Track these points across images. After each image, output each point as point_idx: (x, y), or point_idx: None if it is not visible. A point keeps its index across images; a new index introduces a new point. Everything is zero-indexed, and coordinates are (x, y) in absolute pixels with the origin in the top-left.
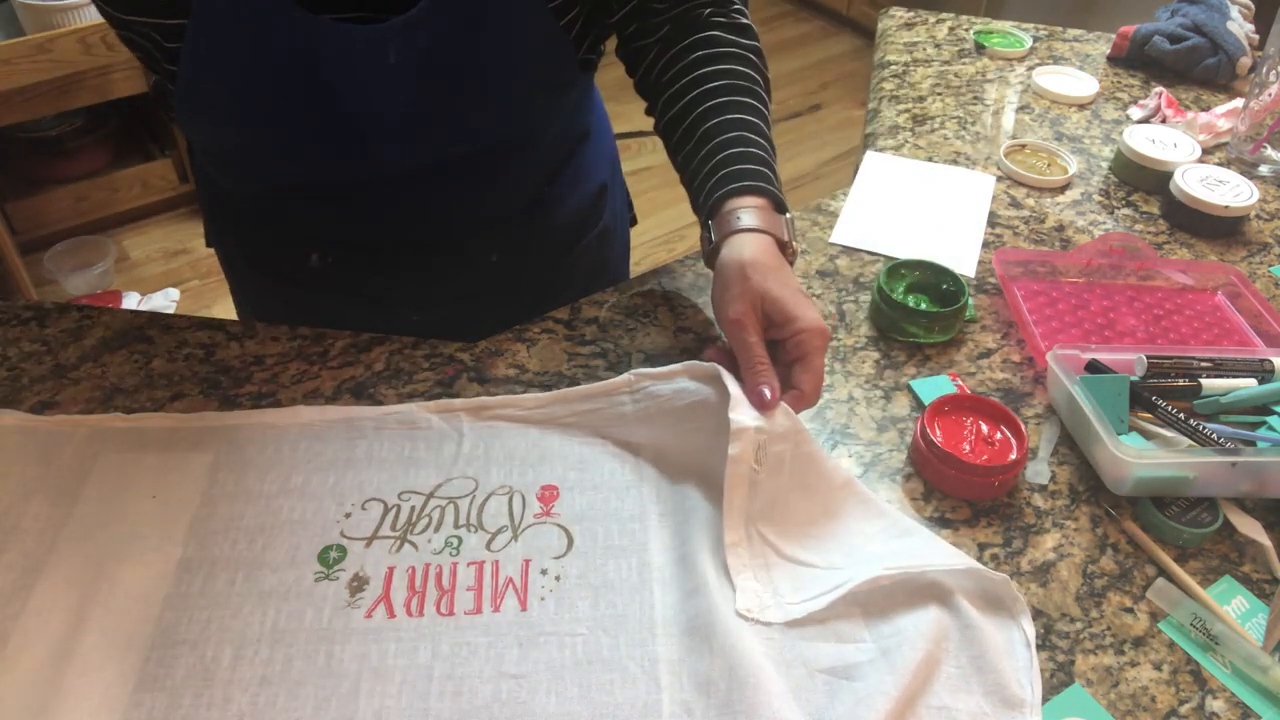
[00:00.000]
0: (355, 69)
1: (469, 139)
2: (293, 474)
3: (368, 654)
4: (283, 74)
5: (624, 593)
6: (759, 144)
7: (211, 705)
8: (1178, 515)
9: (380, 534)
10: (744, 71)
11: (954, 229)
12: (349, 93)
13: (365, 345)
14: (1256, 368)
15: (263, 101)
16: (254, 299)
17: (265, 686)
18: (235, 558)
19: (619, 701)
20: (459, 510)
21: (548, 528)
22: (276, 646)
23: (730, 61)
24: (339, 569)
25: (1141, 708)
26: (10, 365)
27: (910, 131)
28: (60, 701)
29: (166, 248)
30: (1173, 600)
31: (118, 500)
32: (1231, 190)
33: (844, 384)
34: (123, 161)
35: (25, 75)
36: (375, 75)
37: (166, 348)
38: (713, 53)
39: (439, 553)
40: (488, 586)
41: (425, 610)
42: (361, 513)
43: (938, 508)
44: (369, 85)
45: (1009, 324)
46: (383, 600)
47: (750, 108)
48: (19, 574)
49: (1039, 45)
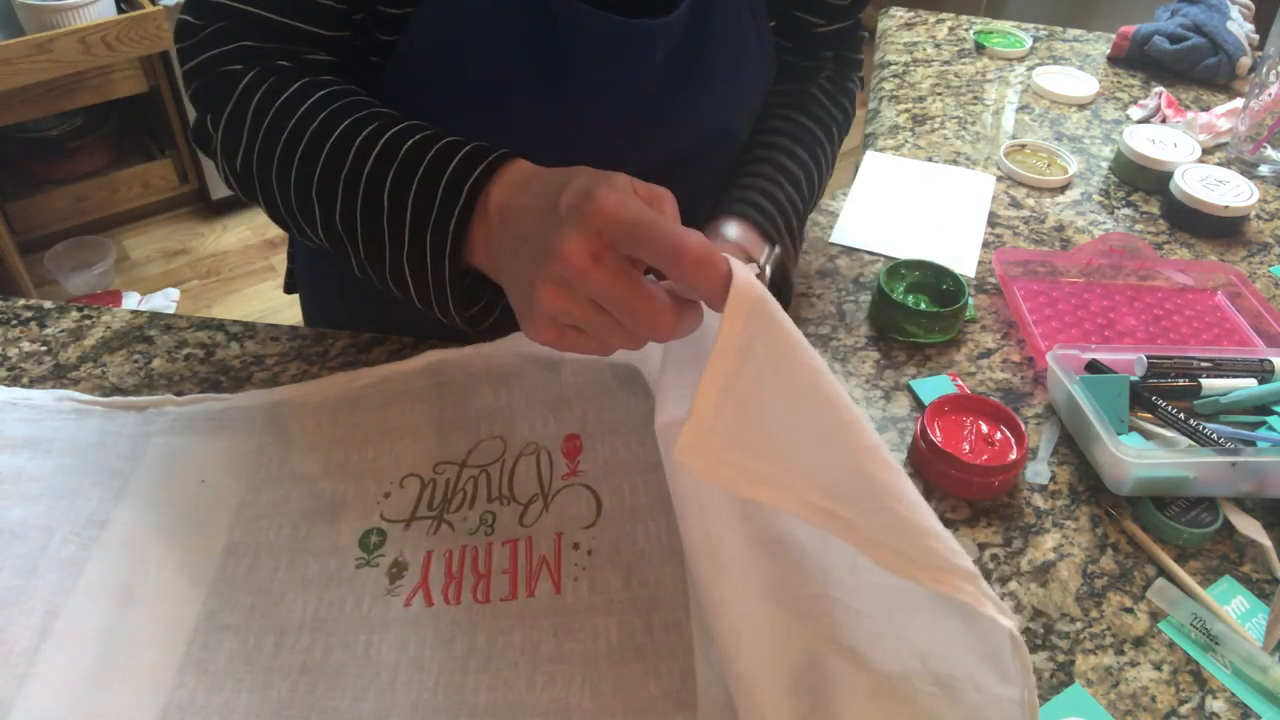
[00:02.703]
0: (616, 61)
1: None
2: (333, 450)
3: (406, 644)
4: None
5: (655, 563)
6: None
7: (253, 690)
8: (1178, 515)
9: (418, 514)
10: (820, 137)
11: (954, 229)
12: (604, 84)
13: (365, 345)
14: (1256, 368)
15: (498, 89)
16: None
17: (305, 675)
18: (279, 544)
19: (654, 695)
20: (490, 480)
21: (576, 490)
22: (317, 635)
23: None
24: (379, 554)
25: (1141, 708)
26: (10, 365)
27: (910, 131)
28: (108, 679)
29: (166, 248)
30: (1173, 600)
31: (167, 485)
32: (1231, 190)
33: (844, 384)
34: (123, 161)
35: (25, 75)
36: (638, 70)
37: (166, 348)
38: (806, 108)
39: (474, 532)
40: (522, 568)
41: (462, 598)
42: (400, 491)
43: (938, 508)
44: (625, 78)
45: (1009, 324)
46: (421, 588)
47: (796, 157)
48: (74, 549)
49: (1039, 45)
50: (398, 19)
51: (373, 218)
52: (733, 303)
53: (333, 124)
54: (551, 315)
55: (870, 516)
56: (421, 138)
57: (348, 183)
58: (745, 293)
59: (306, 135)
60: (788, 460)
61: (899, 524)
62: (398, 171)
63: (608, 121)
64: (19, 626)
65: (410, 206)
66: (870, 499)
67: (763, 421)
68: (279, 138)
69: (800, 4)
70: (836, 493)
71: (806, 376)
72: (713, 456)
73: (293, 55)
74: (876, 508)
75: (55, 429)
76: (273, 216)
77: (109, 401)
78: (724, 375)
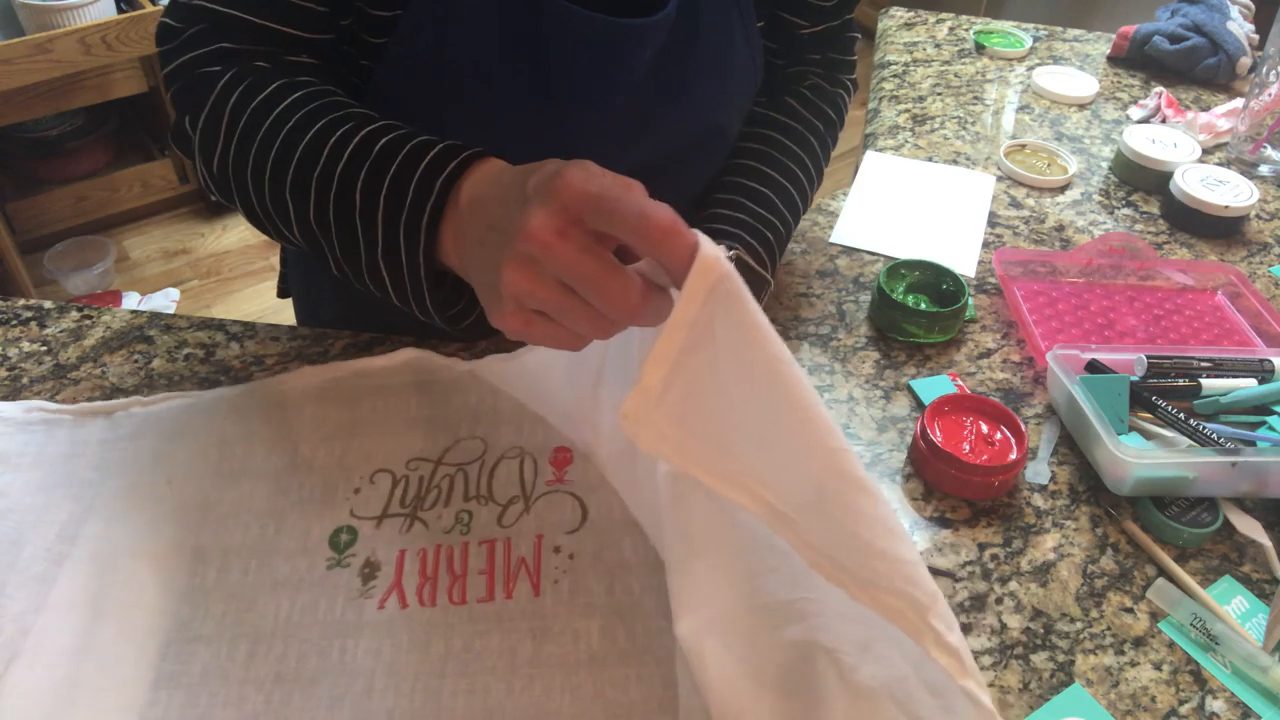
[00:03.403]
0: (605, 61)
1: (677, 135)
2: (300, 445)
3: (381, 649)
4: (519, 62)
5: (640, 573)
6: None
7: (227, 704)
8: (1178, 515)
9: (390, 512)
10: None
11: (954, 229)
12: (592, 84)
13: (365, 345)
14: (1256, 368)
15: (486, 89)
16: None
17: (279, 685)
18: (247, 545)
19: (633, 700)
20: (468, 479)
21: (560, 497)
22: (290, 642)
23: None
24: (350, 554)
25: (1141, 708)
26: (10, 365)
27: (910, 131)
28: (78, 696)
29: (166, 248)
30: (1173, 600)
31: (134, 492)
32: (1231, 190)
33: (844, 384)
34: (123, 161)
35: (25, 75)
36: (626, 70)
37: (166, 348)
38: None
39: (449, 531)
40: (500, 569)
41: (438, 599)
42: (370, 487)
43: (938, 508)
44: (613, 78)
45: (1009, 324)
46: (395, 589)
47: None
48: (44, 566)
49: (1039, 45)
50: (386, 21)
51: (346, 216)
52: (695, 275)
53: (308, 124)
54: (517, 299)
55: (813, 520)
56: (395, 136)
57: (320, 182)
58: (710, 267)
59: (281, 135)
60: (737, 449)
61: (840, 534)
62: (370, 169)
63: (596, 121)
64: None
65: (383, 204)
66: (816, 504)
67: (713, 406)
68: (254, 138)
69: (785, 4)
70: (783, 490)
71: (769, 366)
72: (656, 430)
73: (272, 57)
74: (820, 514)
75: (25, 442)
76: (249, 217)
77: (77, 409)
78: (677, 348)
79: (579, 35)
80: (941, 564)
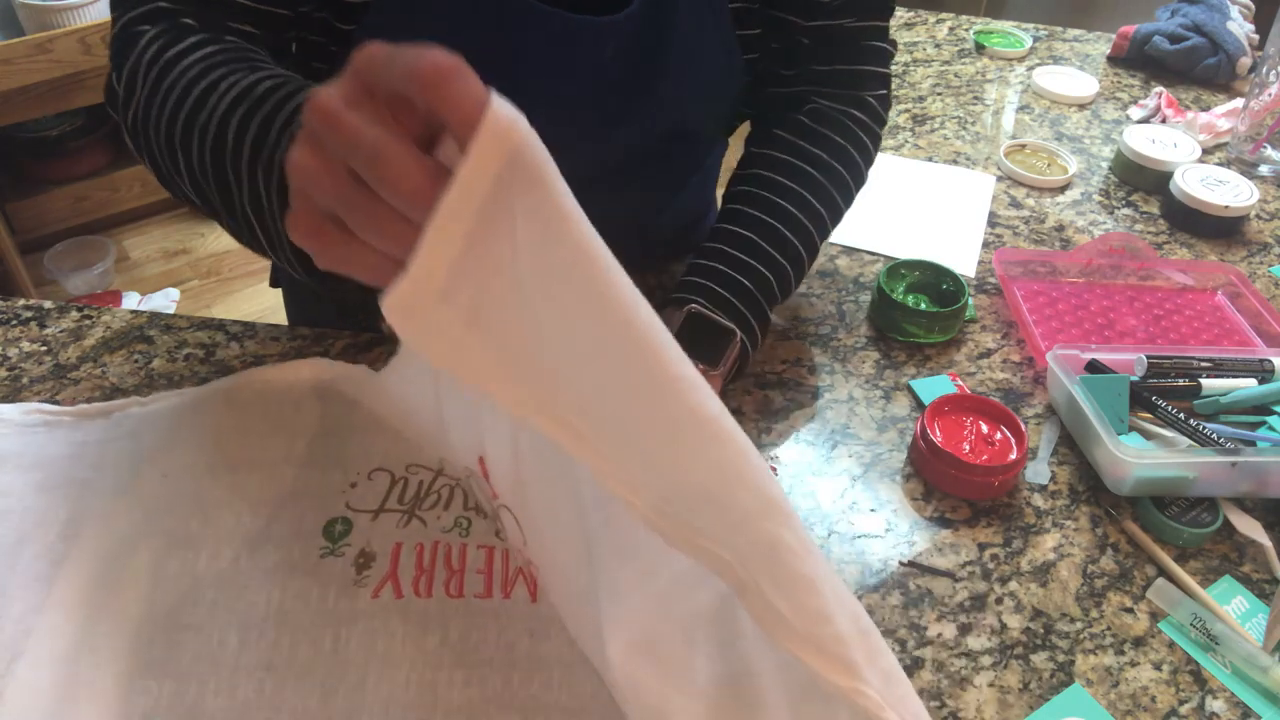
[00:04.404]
0: (564, 57)
1: (643, 133)
2: (295, 438)
3: (375, 639)
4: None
5: None
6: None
7: (218, 693)
8: (1178, 515)
9: (387, 507)
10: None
11: (954, 229)
12: (554, 80)
13: (365, 345)
14: (1256, 368)
15: None
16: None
17: (271, 673)
18: (238, 532)
19: None
20: (468, 494)
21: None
22: (282, 629)
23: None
24: (344, 544)
25: (1141, 708)
26: (10, 365)
27: (910, 131)
28: (77, 693)
29: (166, 248)
30: (1173, 600)
31: (132, 488)
32: (1231, 190)
33: (844, 384)
34: (123, 161)
35: (25, 75)
36: (587, 66)
37: (166, 348)
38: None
39: (448, 531)
40: (498, 573)
41: (434, 591)
42: (368, 483)
43: (938, 508)
44: (575, 74)
45: (1009, 324)
46: (390, 578)
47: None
48: (45, 566)
49: (1039, 45)
50: (355, 8)
51: (220, 161)
52: (484, 136)
53: (207, 73)
54: (303, 189)
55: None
56: (277, 82)
57: (203, 128)
58: (505, 130)
59: (180, 84)
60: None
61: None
62: (244, 112)
63: (559, 117)
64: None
65: (249, 144)
66: (639, 439)
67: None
68: (160, 88)
69: (780, 3)
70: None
71: (587, 269)
72: (436, 327)
73: (210, 21)
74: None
75: (24, 444)
76: (157, 176)
77: (77, 410)
78: (466, 224)
79: (538, 29)
80: (941, 564)
